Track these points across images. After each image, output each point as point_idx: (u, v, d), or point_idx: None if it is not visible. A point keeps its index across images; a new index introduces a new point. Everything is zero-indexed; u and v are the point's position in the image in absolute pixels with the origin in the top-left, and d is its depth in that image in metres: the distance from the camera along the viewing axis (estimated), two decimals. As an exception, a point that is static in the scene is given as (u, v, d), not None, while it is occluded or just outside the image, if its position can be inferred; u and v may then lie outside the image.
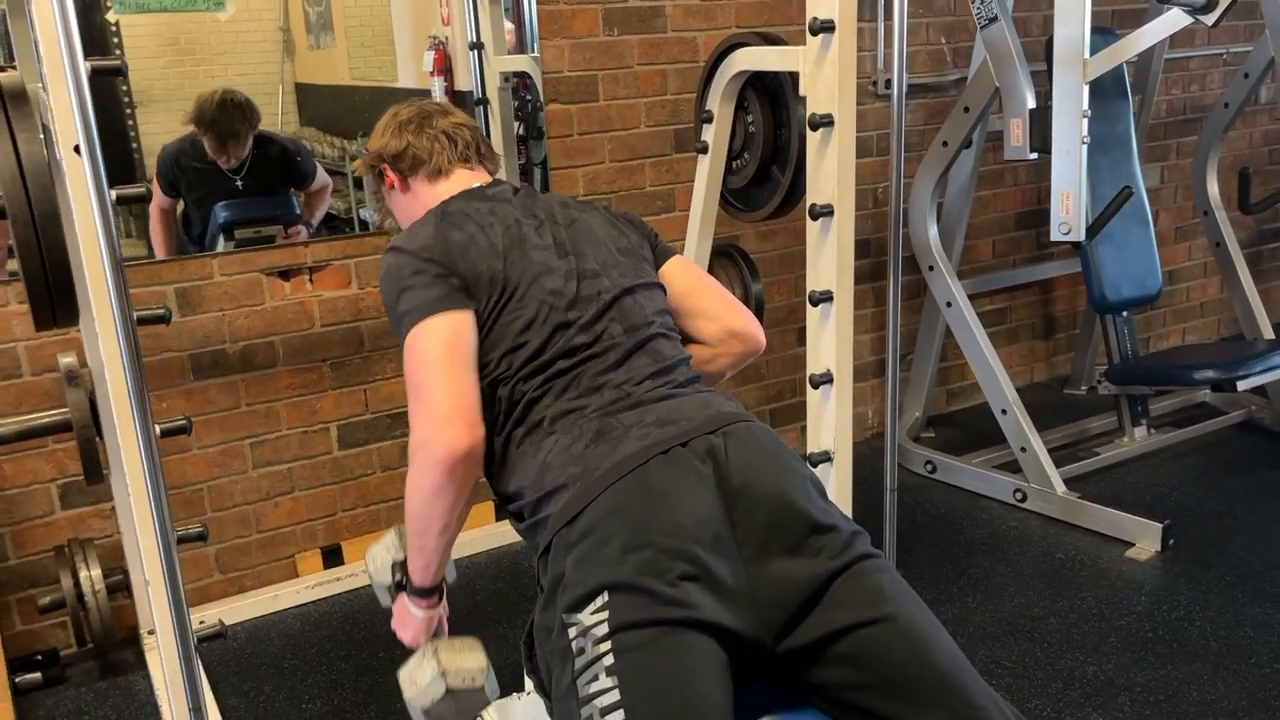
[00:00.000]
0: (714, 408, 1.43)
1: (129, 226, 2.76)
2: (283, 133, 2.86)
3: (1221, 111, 3.62)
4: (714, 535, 1.27)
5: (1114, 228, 3.24)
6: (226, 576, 2.79)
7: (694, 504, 1.28)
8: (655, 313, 1.57)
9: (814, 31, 2.15)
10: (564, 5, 2.91)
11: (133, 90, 2.63)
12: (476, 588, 2.83)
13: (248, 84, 2.75)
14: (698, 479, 1.31)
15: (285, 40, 2.82)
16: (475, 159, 1.73)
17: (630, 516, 1.28)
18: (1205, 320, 4.57)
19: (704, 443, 1.34)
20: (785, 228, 3.28)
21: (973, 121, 3.10)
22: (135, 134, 2.68)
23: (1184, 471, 3.33)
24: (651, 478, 1.31)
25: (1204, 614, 2.53)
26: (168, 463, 2.64)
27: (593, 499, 1.31)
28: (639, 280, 1.59)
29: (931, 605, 2.55)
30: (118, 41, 2.61)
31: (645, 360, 1.49)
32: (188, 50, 2.66)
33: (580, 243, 1.58)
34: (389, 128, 1.74)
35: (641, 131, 3.10)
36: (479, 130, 1.78)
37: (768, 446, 1.38)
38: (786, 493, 1.32)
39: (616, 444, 1.36)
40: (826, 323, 2.33)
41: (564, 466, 1.38)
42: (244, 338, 2.67)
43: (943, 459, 3.38)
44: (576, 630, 1.24)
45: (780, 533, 1.29)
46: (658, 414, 1.40)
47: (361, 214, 2.96)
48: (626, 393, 1.44)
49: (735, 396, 3.35)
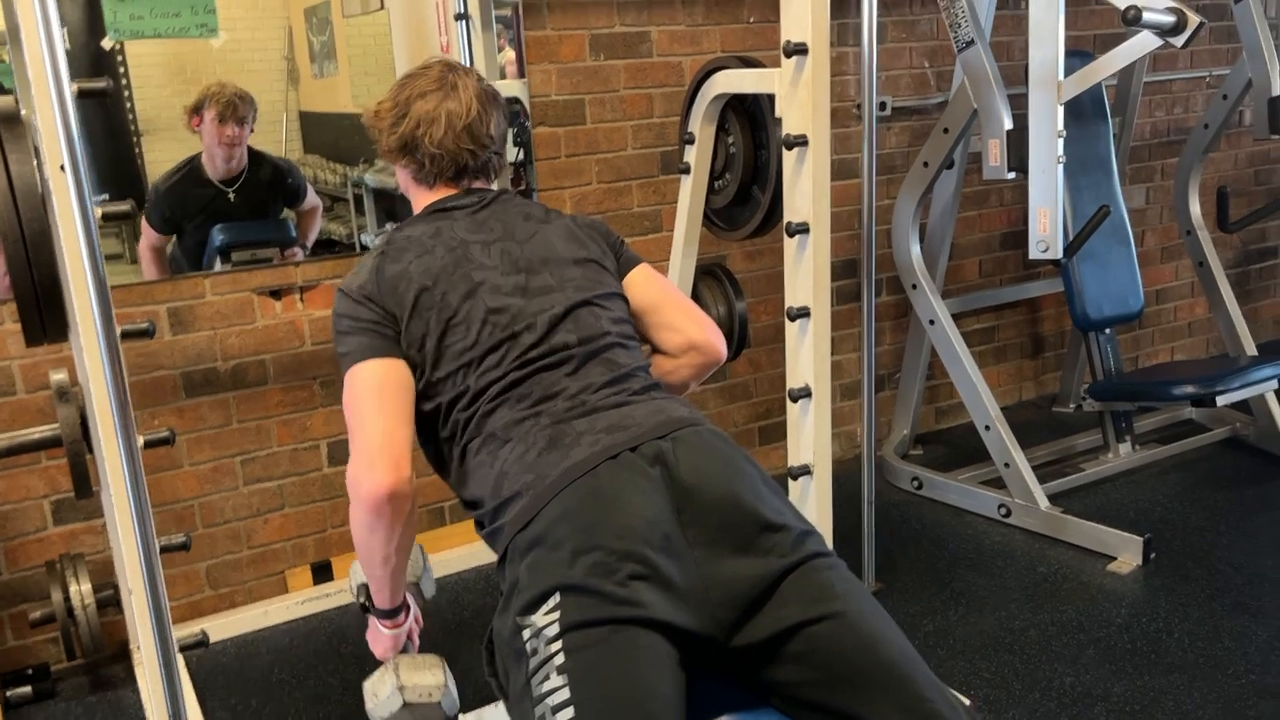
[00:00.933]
0: (665, 413, 1.46)
1: (132, 252, 2.81)
2: (288, 158, 2.92)
3: (1201, 132, 3.67)
4: (664, 536, 1.30)
5: (1095, 246, 3.29)
6: (218, 592, 2.83)
7: (643, 506, 1.32)
8: (612, 322, 1.60)
9: (788, 54, 2.20)
10: (551, 31, 2.97)
11: (139, 118, 2.69)
12: (463, 603, 2.86)
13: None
14: (647, 482, 1.34)
15: (290, 69, 2.88)
16: (460, 179, 1.73)
17: (580, 520, 1.32)
18: (1193, 339, 4.61)
19: (653, 447, 1.38)
20: (772, 247, 3.33)
21: (952, 142, 3.15)
22: (141, 160, 2.74)
23: (1167, 487, 3.36)
24: (601, 482, 1.34)
25: (1182, 626, 2.56)
26: (160, 479, 2.69)
27: (544, 505, 1.35)
28: (596, 291, 1.62)
29: (914, 619, 2.61)
30: (123, 70, 2.67)
31: (600, 369, 1.53)
32: (194, 79, 2.71)
33: (535, 258, 1.61)
34: (397, 108, 1.69)
35: (628, 153, 3.15)
36: (480, 135, 1.69)
37: (717, 449, 1.42)
38: (736, 493, 1.36)
39: (568, 450, 1.40)
40: (804, 338, 2.37)
41: (518, 474, 1.42)
42: (235, 356, 2.72)
43: (929, 475, 3.41)
44: (530, 632, 1.27)
45: (730, 532, 1.33)
46: (609, 420, 1.44)
47: (363, 239, 3.01)
48: (581, 400, 1.47)
49: (724, 415, 3.45)
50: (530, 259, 1.61)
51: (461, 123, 1.67)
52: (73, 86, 1.49)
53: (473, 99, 1.68)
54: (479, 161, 1.71)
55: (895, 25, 3.54)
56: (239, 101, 2.75)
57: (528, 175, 3.04)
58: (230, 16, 2.70)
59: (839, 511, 2.46)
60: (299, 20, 2.90)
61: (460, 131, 1.67)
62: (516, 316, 1.54)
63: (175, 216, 2.75)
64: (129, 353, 2.57)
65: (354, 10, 2.95)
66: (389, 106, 1.71)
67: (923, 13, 3.58)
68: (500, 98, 1.77)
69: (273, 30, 2.82)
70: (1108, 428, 3.53)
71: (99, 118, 2.72)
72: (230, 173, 2.80)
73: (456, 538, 3.03)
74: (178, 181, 2.75)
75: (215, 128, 2.73)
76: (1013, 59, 3.61)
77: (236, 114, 2.75)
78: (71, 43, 2.59)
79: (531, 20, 2.93)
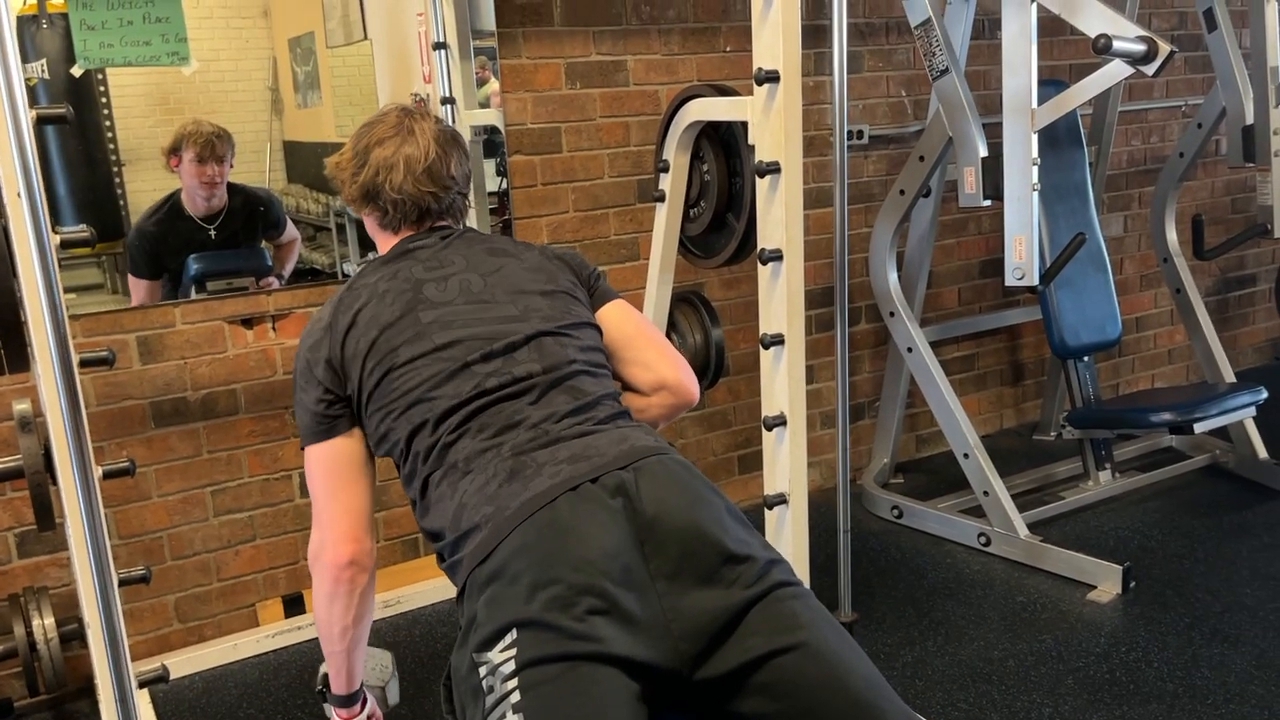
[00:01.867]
0: (629, 442, 1.44)
1: (114, 282, 2.79)
2: (269, 188, 2.91)
3: (1177, 161, 3.69)
4: (623, 568, 1.28)
5: (1072, 274, 3.29)
6: (186, 625, 2.78)
7: (602, 539, 1.29)
8: (579, 350, 1.58)
9: (759, 82, 2.20)
10: (527, 60, 2.98)
11: (120, 148, 2.68)
12: (436, 635, 2.82)
13: (237, 142, 2.80)
14: (608, 514, 1.32)
15: (274, 99, 2.88)
16: (424, 221, 1.72)
17: (538, 554, 1.29)
18: (1173, 366, 4.62)
19: (614, 478, 1.35)
20: (749, 275, 3.32)
21: (928, 170, 3.16)
22: (122, 191, 2.72)
23: (1147, 515, 3.35)
24: (560, 514, 1.32)
25: (1161, 655, 2.54)
26: (127, 510, 2.65)
27: (503, 538, 1.32)
28: (564, 321, 1.60)
29: (892, 649, 2.58)
30: (105, 99, 2.66)
31: (564, 397, 1.50)
32: (176, 109, 2.71)
33: (497, 289, 1.60)
34: (357, 156, 1.70)
35: (605, 182, 3.15)
36: (441, 176, 1.69)
37: (680, 478, 1.39)
38: (699, 523, 1.33)
39: (528, 482, 1.37)
40: (779, 365, 2.35)
41: (478, 506, 1.39)
42: (206, 385, 2.69)
43: (909, 504, 3.39)
44: (486, 669, 1.25)
45: (693, 563, 1.30)
46: (571, 450, 1.41)
47: (345, 267, 3.00)
48: (544, 430, 1.45)
49: (703, 443, 3.42)
50: (492, 290, 1.60)
51: (420, 166, 1.67)
52: (31, 113, 1.47)
53: (430, 142, 1.69)
54: (442, 204, 1.71)
55: (872, 54, 3.56)
56: (216, 141, 2.73)
57: (510, 204, 3.03)
58: (214, 46, 2.70)
59: (817, 541, 2.44)
60: (283, 50, 2.90)
61: (420, 175, 1.67)
62: (470, 347, 1.52)
63: (160, 255, 2.73)
64: (97, 382, 2.55)
65: (338, 41, 2.96)
66: (349, 156, 1.71)
67: (899, 42, 3.60)
68: (460, 138, 1.77)
69: (257, 60, 2.82)
70: (1087, 456, 3.52)
71: (79, 148, 2.71)
72: (211, 209, 2.79)
73: (430, 570, 2.99)
74: (160, 220, 2.73)
75: (194, 168, 2.72)
76: (989, 87, 3.63)
77: (215, 153, 2.74)
78: (50, 72, 2.58)
79: (507, 49, 2.94)
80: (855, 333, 3.70)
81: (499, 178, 3.06)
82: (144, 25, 2.52)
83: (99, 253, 2.75)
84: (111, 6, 2.47)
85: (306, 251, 3.01)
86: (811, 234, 3.38)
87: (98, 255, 2.76)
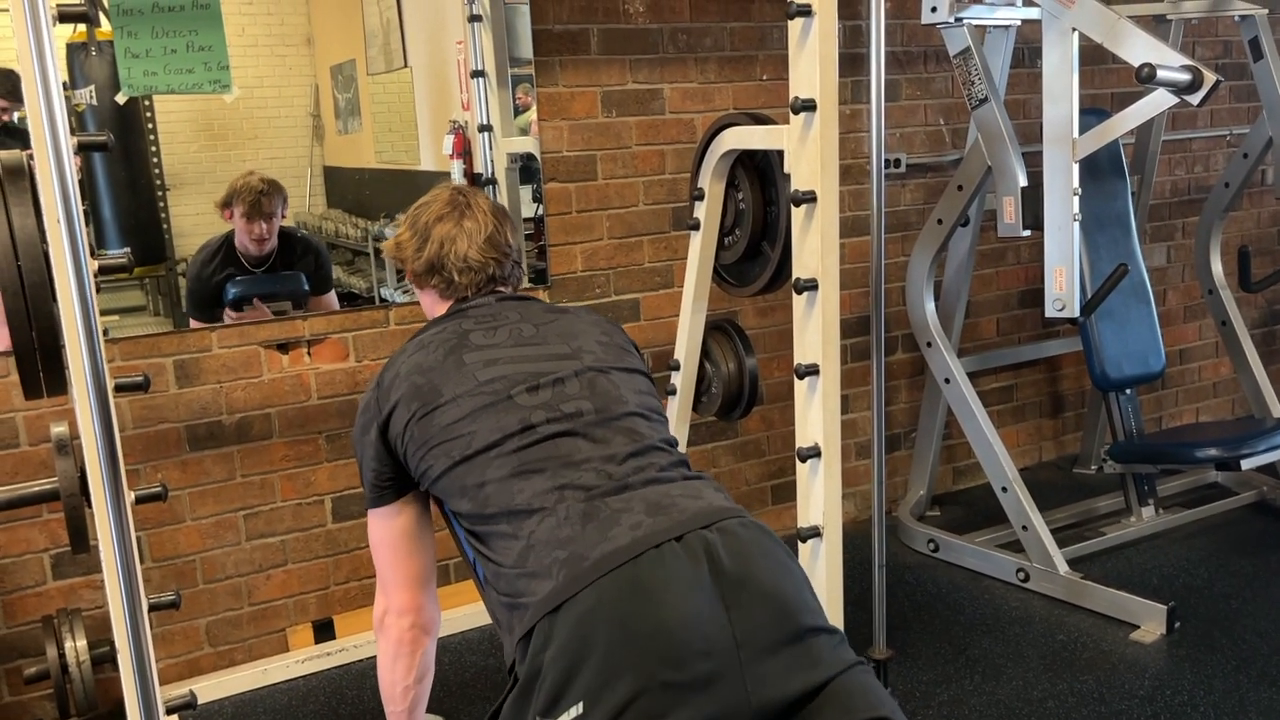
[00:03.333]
0: (706, 500, 1.40)
1: (156, 304, 2.82)
2: (311, 223, 2.94)
3: (1222, 191, 3.63)
4: (704, 638, 1.24)
5: (1114, 305, 3.24)
6: (217, 650, 2.78)
7: (684, 605, 1.25)
8: (633, 392, 1.57)
9: (796, 110, 2.19)
10: (563, 88, 2.99)
11: (165, 173, 2.72)
12: (466, 664, 2.80)
13: (278, 167, 2.83)
14: (692, 576, 1.28)
15: (315, 125, 2.91)
16: (484, 287, 1.77)
17: (616, 615, 1.26)
18: (1219, 400, 4.52)
19: (698, 539, 1.31)
20: (783, 303, 3.30)
21: (966, 199, 3.13)
22: (166, 216, 2.76)
23: (1192, 552, 3.27)
24: (642, 574, 1.28)
25: (1208, 699, 2.46)
26: (161, 534, 2.66)
27: (579, 590, 1.28)
28: (618, 364, 1.60)
29: (928, 687, 2.53)
30: (151, 126, 2.70)
31: (621, 439, 1.47)
32: (220, 135, 2.74)
33: (549, 334, 1.62)
34: (417, 234, 1.77)
35: (639, 209, 3.15)
36: (500, 244, 1.77)
37: (763, 545, 1.36)
38: (785, 592, 1.31)
39: (605, 530, 1.33)
40: (814, 396, 2.32)
41: (548, 548, 1.35)
42: (241, 409, 2.70)
43: (945, 538, 3.33)
44: None
45: (778, 632, 1.27)
46: (647, 501, 1.37)
47: (383, 292, 3.01)
48: (608, 474, 1.42)
49: (736, 472, 3.39)
50: (544, 334, 1.62)
51: (482, 235, 1.76)
52: (72, 140, 1.49)
53: (487, 214, 1.78)
54: (504, 271, 1.79)
55: (910, 83, 3.54)
56: (264, 199, 2.77)
57: (544, 230, 3.04)
58: (258, 74, 2.73)
59: (852, 574, 2.40)
60: (325, 78, 2.94)
61: (483, 244, 1.76)
62: (513, 380, 1.52)
63: (211, 300, 2.76)
64: (133, 405, 2.57)
65: (378, 68, 2.99)
66: (408, 235, 1.79)
67: (937, 70, 3.58)
68: (508, 213, 1.88)
69: (299, 87, 2.86)
70: (1130, 490, 3.44)
71: (125, 173, 2.75)
72: (262, 256, 2.82)
73: (461, 596, 2.98)
74: (216, 265, 2.76)
75: (244, 224, 2.77)
76: (1029, 116, 3.60)
77: (263, 211, 2.78)
78: (98, 99, 2.62)
79: (544, 77, 2.95)
80: (891, 363, 3.66)
81: (534, 204, 3.07)
82: (187, 54, 2.55)
83: (141, 276, 2.79)
84: (156, 35, 2.51)
85: (345, 276, 3.03)
86: (847, 263, 3.36)
87: (140, 278, 2.80)
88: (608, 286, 3.13)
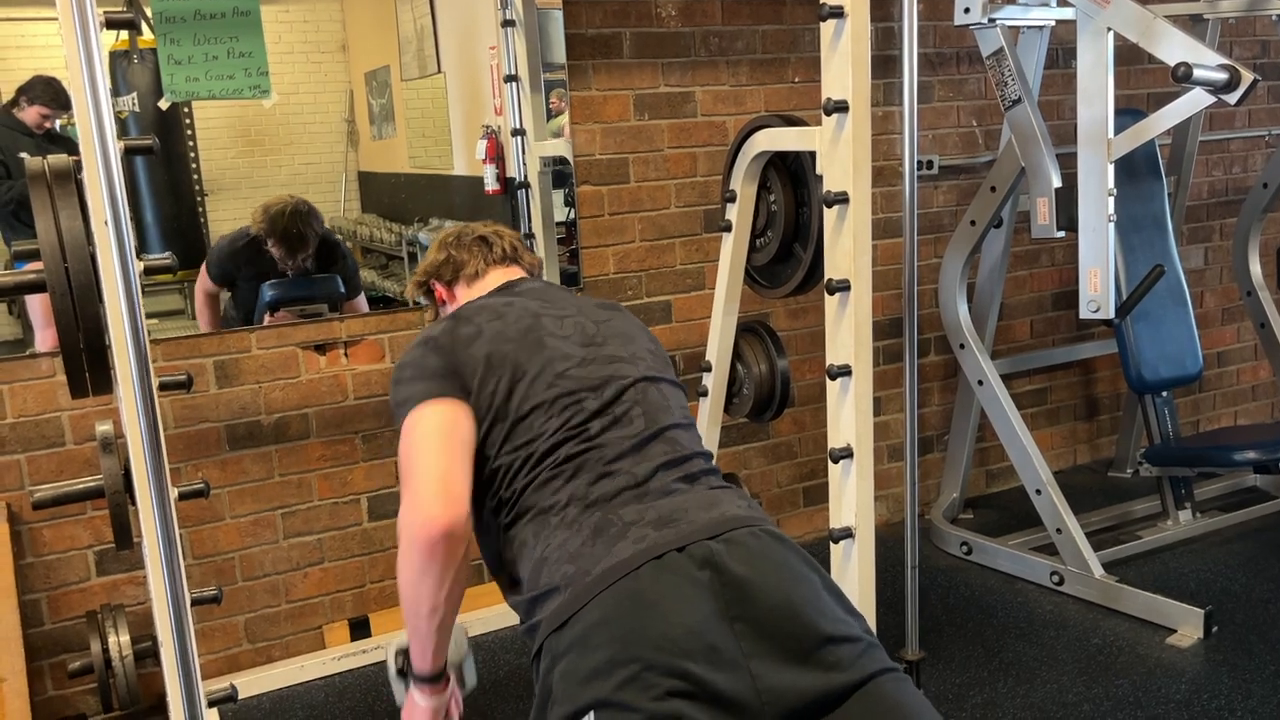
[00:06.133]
0: (719, 509, 1.39)
1: (193, 307, 2.87)
2: (345, 228, 2.98)
3: (1260, 191, 3.59)
4: (708, 647, 1.23)
5: (1150, 307, 3.22)
6: (255, 646, 2.82)
7: (685, 615, 1.25)
8: (679, 406, 1.60)
9: (828, 111, 2.19)
10: (596, 91, 3.01)
11: (203, 179, 2.77)
12: (499, 662, 2.83)
13: (313, 172, 2.87)
14: (693, 587, 1.28)
15: (350, 131, 2.95)
16: (510, 260, 1.83)
17: (618, 629, 1.26)
18: (1257, 403, 4.46)
19: (702, 549, 1.31)
20: (816, 306, 3.30)
21: (999, 201, 3.12)
22: (204, 220, 2.81)
23: (1230, 556, 3.23)
24: (643, 585, 1.28)
25: (1245, 704, 2.44)
26: (201, 531, 2.71)
27: (582, 606, 1.29)
28: (666, 376, 1.62)
29: (960, 690, 2.52)
30: (190, 132, 2.76)
31: (661, 448, 1.49)
32: (257, 141, 2.79)
33: (610, 335, 1.62)
34: (433, 246, 1.88)
35: (671, 212, 3.16)
36: (519, 236, 1.91)
37: (773, 554, 1.34)
38: (793, 603, 1.29)
39: (612, 544, 1.34)
40: (846, 397, 2.32)
41: (558, 564, 1.37)
42: (279, 409, 2.74)
43: (979, 540, 3.32)
44: None
45: (787, 642, 1.26)
46: (659, 512, 1.38)
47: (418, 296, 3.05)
48: (636, 480, 1.43)
49: (768, 475, 3.39)
50: (605, 335, 1.62)
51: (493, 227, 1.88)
52: (119, 144, 1.53)
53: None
54: (517, 252, 1.85)
55: (942, 84, 3.54)
56: (298, 240, 2.80)
57: (576, 234, 3.06)
58: (294, 81, 2.78)
59: (884, 577, 2.40)
60: (360, 84, 2.98)
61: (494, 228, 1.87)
62: (588, 386, 1.53)
63: (229, 273, 2.80)
64: (175, 405, 2.62)
65: (412, 74, 3.02)
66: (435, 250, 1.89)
67: (970, 72, 3.57)
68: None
69: (335, 94, 2.90)
70: (1166, 494, 3.41)
71: (165, 178, 2.80)
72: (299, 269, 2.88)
73: (494, 596, 2.99)
74: (241, 249, 2.81)
75: (284, 256, 2.82)
76: (1062, 118, 3.58)
77: (306, 246, 2.82)
78: (140, 105, 2.67)
79: (576, 81, 2.97)
80: (924, 365, 3.65)
81: (566, 208, 3.09)
82: (228, 60, 2.60)
83: (181, 279, 2.84)
84: (198, 42, 2.56)
85: (379, 279, 3.06)
86: (879, 265, 3.35)
87: (180, 282, 2.85)
88: (639, 288, 3.15)
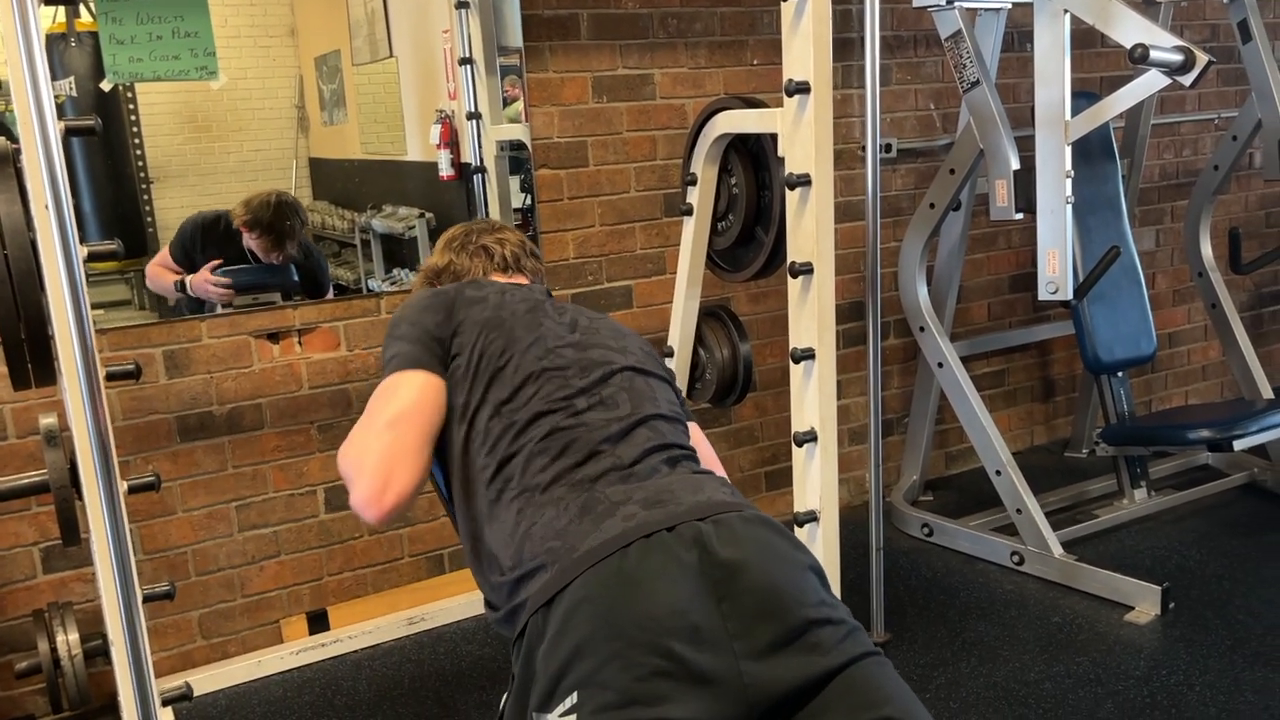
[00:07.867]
0: (705, 494, 1.39)
1: (141, 298, 2.79)
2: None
3: (1211, 174, 3.64)
4: (692, 627, 1.22)
5: (1105, 288, 3.24)
6: (210, 642, 2.76)
7: (671, 594, 1.24)
8: (665, 400, 1.59)
9: (789, 93, 2.18)
10: (553, 73, 2.97)
11: (148, 165, 2.68)
12: (461, 653, 2.79)
13: (262, 159, 2.80)
14: (679, 568, 1.26)
15: (300, 117, 2.88)
16: (513, 268, 1.83)
17: (602, 608, 1.25)
18: (1208, 383, 4.54)
19: (691, 529, 1.30)
20: (777, 290, 3.29)
21: (958, 184, 3.12)
22: (150, 209, 2.73)
23: (1184, 534, 3.28)
24: (629, 564, 1.27)
25: (1203, 678, 2.47)
26: (152, 526, 2.64)
27: (568, 583, 1.27)
28: (655, 370, 1.61)
29: (925, 670, 2.53)
30: (134, 117, 2.67)
31: (645, 434, 1.48)
32: (204, 127, 2.71)
33: (603, 328, 1.64)
34: (438, 247, 1.87)
35: (631, 195, 3.13)
36: (525, 242, 1.88)
37: (760, 537, 1.33)
38: (778, 585, 1.28)
39: (599, 521, 1.33)
40: (810, 380, 2.32)
41: (543, 540, 1.35)
42: (231, 400, 2.68)
43: (939, 522, 3.33)
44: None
45: (773, 624, 1.25)
46: (646, 492, 1.37)
47: (370, 284, 2.99)
48: (623, 463, 1.43)
49: (730, 459, 3.39)
50: (599, 327, 1.64)
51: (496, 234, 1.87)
52: (59, 125, 1.47)
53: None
54: (521, 261, 1.85)
55: (900, 67, 3.53)
56: (287, 231, 2.80)
57: (533, 220, 3.02)
58: (242, 65, 2.70)
59: (848, 559, 2.39)
60: (309, 68, 2.90)
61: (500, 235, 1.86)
62: (572, 361, 1.54)
63: (190, 253, 2.74)
64: (123, 396, 2.54)
65: (364, 58, 2.96)
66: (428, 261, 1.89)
67: (928, 55, 3.57)
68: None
69: (284, 78, 2.83)
70: (1122, 473, 3.45)
71: (106, 166, 2.71)
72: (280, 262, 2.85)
73: (454, 587, 2.97)
74: (210, 230, 2.75)
75: (267, 248, 2.79)
76: (1019, 100, 3.59)
77: (293, 238, 2.82)
78: (78, 90, 2.59)
79: (534, 63, 2.93)
80: (884, 348, 3.64)
81: (523, 194, 3.05)
82: (173, 40, 2.52)
83: (126, 269, 2.76)
84: (141, 21, 2.48)
85: (333, 267, 3.00)
86: (838, 248, 3.33)
87: (125, 271, 2.77)
88: (600, 273, 3.12)
